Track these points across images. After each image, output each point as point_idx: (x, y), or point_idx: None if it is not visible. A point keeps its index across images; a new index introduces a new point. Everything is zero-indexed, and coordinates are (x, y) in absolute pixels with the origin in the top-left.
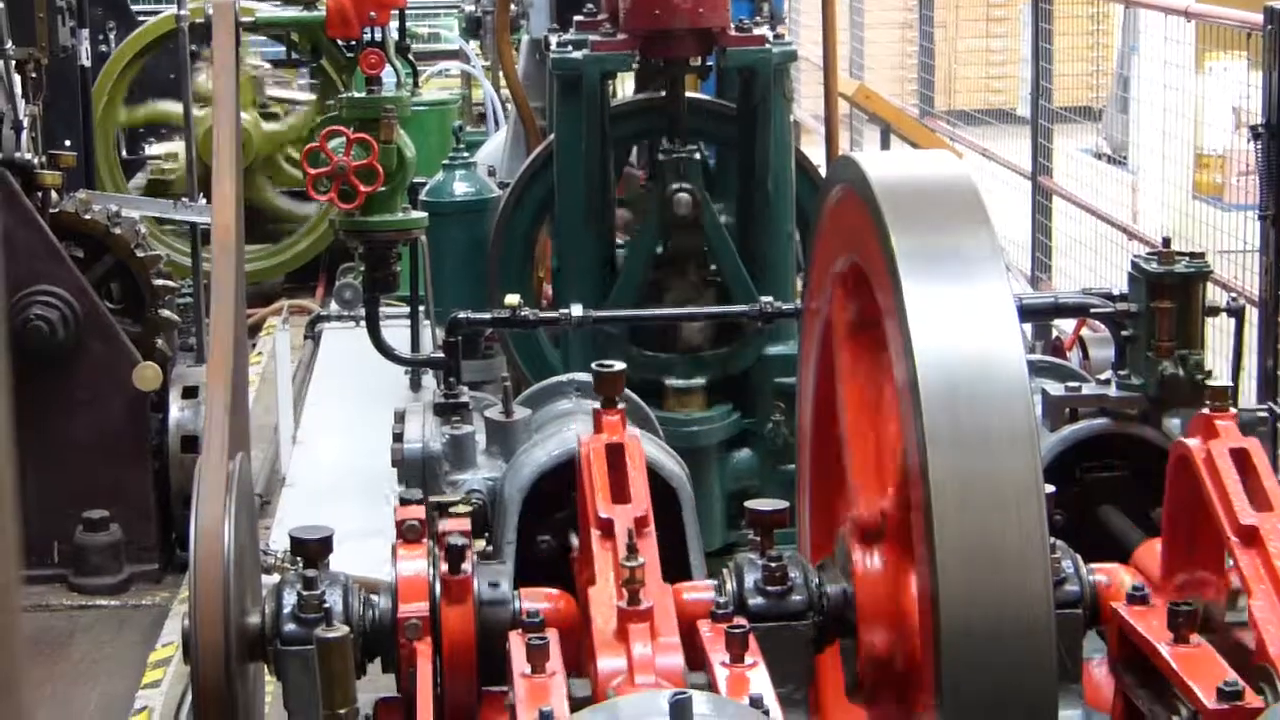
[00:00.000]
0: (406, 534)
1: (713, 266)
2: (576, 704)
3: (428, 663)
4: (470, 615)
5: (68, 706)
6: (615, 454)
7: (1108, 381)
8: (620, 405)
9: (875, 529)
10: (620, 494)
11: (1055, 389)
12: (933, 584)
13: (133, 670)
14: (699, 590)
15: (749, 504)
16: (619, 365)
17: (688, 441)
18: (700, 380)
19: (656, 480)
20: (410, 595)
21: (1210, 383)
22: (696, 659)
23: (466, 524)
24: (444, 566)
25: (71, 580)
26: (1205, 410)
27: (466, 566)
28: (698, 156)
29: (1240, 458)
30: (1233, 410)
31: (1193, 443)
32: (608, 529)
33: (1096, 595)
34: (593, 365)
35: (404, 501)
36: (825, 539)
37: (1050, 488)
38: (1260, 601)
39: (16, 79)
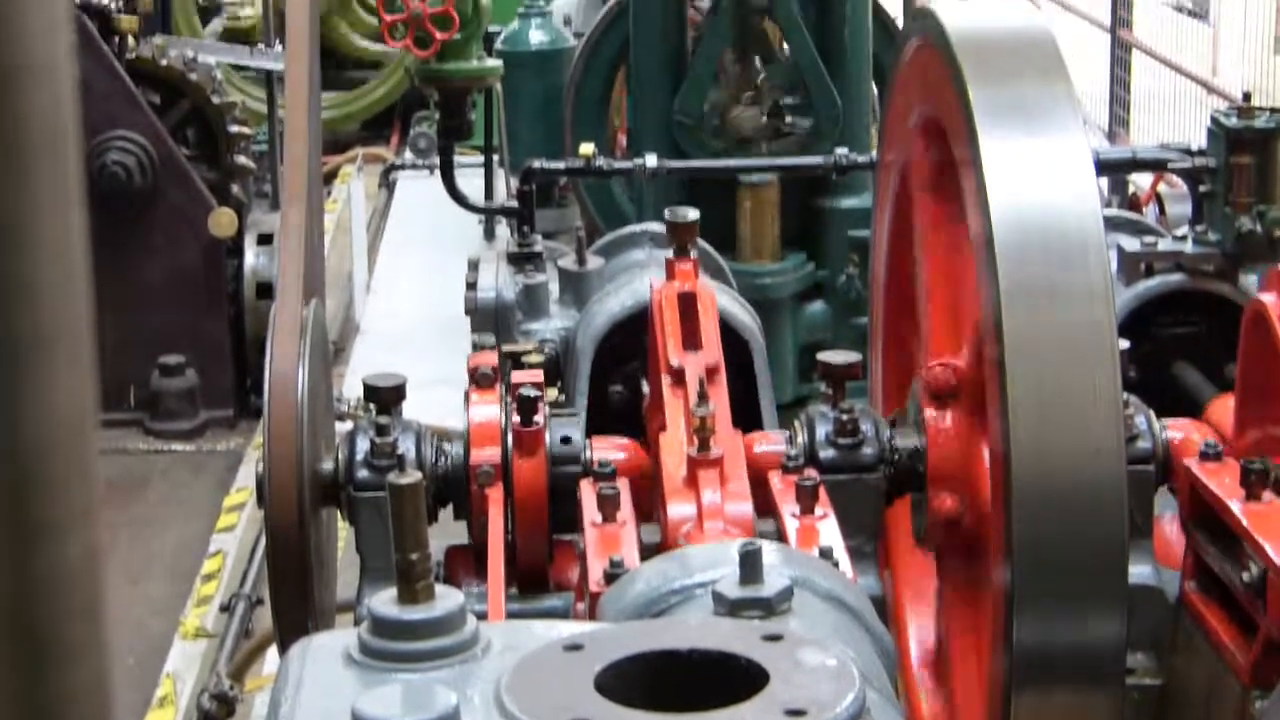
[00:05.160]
0: (479, 381)
1: (787, 100)
2: (646, 550)
3: (499, 510)
4: (542, 467)
5: (143, 548)
6: (687, 302)
7: (1184, 237)
8: (693, 254)
9: (949, 383)
10: (692, 341)
11: (1131, 244)
12: (1005, 438)
13: (207, 514)
14: (770, 441)
15: (821, 356)
16: (693, 213)
17: (760, 293)
18: (771, 177)
19: (729, 331)
20: (482, 441)
21: None
22: (766, 508)
23: (539, 375)
24: (516, 418)
25: (147, 425)
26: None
27: (539, 418)
28: None
29: None
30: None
31: (1268, 298)
32: (679, 376)
33: (1169, 451)
34: (665, 212)
35: (477, 348)
36: (897, 392)
37: (1124, 343)
38: None
39: None
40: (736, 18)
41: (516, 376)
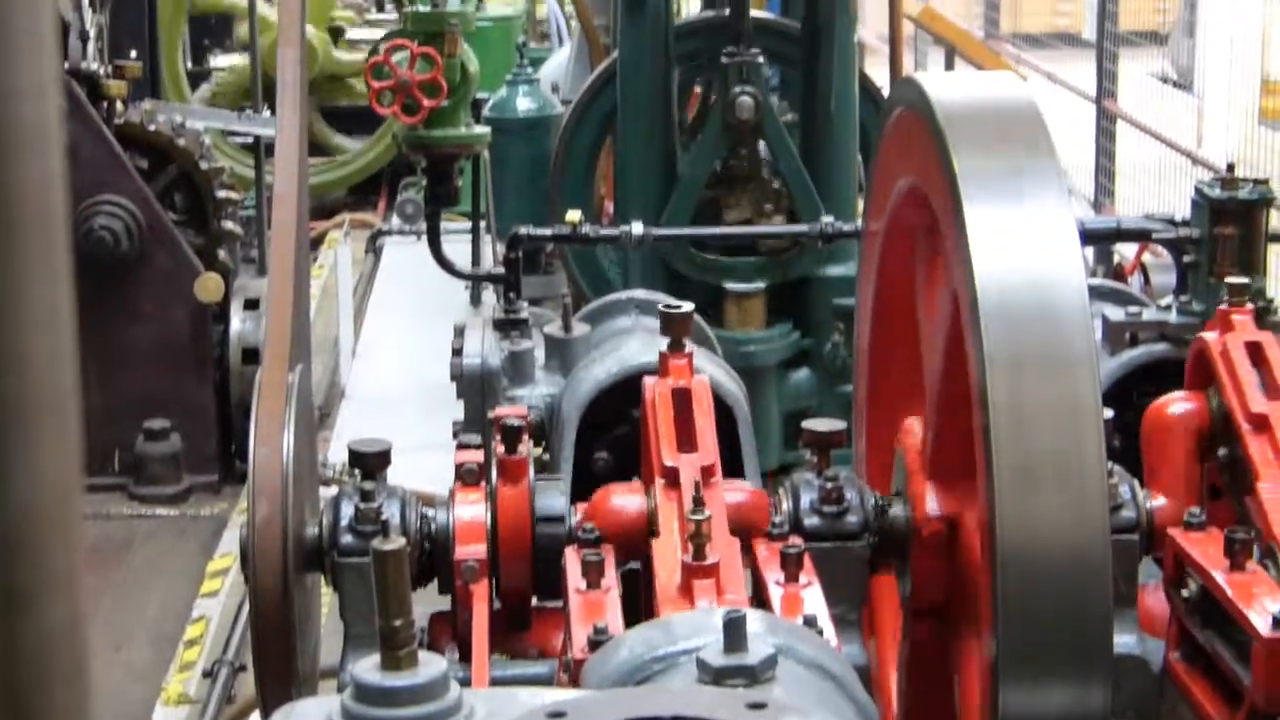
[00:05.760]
0: (464, 478)
1: (775, 185)
2: None
3: (484, 605)
4: (525, 495)
5: (125, 613)
6: (682, 399)
7: (1169, 307)
8: (688, 348)
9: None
10: (687, 441)
11: (1116, 313)
12: (989, 506)
13: (191, 579)
14: None
15: (806, 423)
16: (687, 306)
17: (746, 361)
18: (760, 284)
19: (714, 399)
20: (468, 538)
21: (1229, 279)
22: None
23: (524, 409)
24: (500, 448)
25: (131, 489)
26: (1223, 305)
27: (523, 448)
28: (761, 60)
29: (1254, 350)
30: (1249, 305)
31: (1210, 336)
32: (673, 478)
33: (1153, 520)
34: (660, 306)
35: (462, 445)
36: (882, 460)
37: (1109, 412)
38: (1268, 484)
39: None
40: (723, 133)
41: (500, 411)
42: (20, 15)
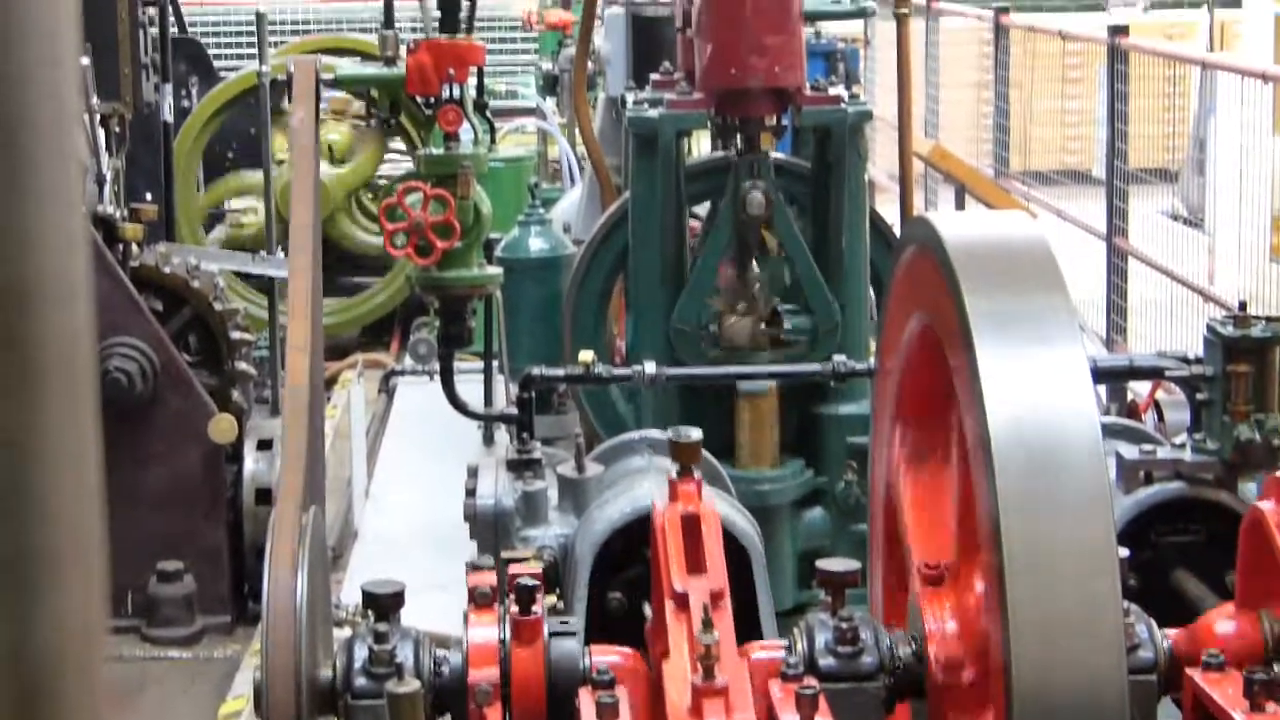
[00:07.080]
0: (478, 600)
1: (786, 307)
2: None
3: None
4: (540, 656)
5: None
6: (691, 524)
7: (1183, 445)
8: (697, 474)
9: (946, 590)
10: (696, 565)
11: (1130, 452)
12: (1005, 649)
13: None
14: (770, 649)
15: (820, 563)
16: (695, 433)
17: (759, 500)
18: (770, 386)
19: (728, 539)
20: (481, 661)
21: None
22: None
23: (537, 566)
24: (514, 608)
25: (144, 631)
26: (1277, 474)
27: (537, 608)
28: (771, 157)
29: None
30: None
31: (1266, 505)
32: (683, 602)
33: (1171, 661)
34: (669, 433)
35: (475, 568)
36: (897, 599)
37: (1124, 552)
38: None
39: (100, 133)
40: (735, 228)
41: (513, 569)
42: (49, 167)
